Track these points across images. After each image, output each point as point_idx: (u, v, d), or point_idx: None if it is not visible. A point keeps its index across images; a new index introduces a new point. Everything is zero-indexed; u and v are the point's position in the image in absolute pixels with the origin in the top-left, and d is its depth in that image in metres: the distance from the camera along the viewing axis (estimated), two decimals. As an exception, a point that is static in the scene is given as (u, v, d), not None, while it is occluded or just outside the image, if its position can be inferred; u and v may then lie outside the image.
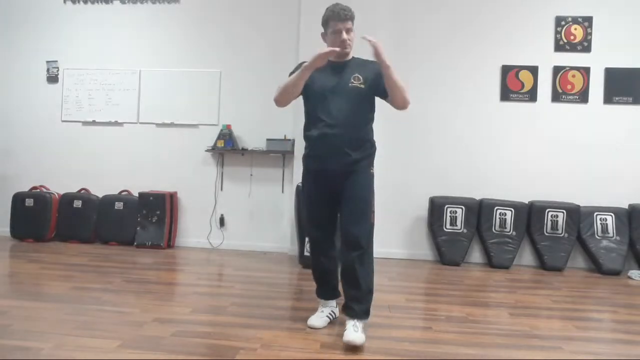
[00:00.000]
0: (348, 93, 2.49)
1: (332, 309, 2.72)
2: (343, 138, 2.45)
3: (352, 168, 2.49)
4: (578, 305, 3.37)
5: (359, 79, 2.51)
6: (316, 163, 2.55)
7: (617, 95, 4.71)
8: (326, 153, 2.49)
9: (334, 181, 2.50)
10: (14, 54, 5.43)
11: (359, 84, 2.50)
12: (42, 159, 5.37)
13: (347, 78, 2.51)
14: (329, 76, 2.53)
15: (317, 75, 2.51)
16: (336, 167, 2.48)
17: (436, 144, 4.86)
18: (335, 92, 2.49)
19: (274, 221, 5.04)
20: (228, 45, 5.13)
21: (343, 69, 2.55)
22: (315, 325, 2.59)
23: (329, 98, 2.49)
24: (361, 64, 2.58)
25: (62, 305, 2.88)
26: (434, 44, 4.86)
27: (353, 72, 2.53)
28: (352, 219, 2.46)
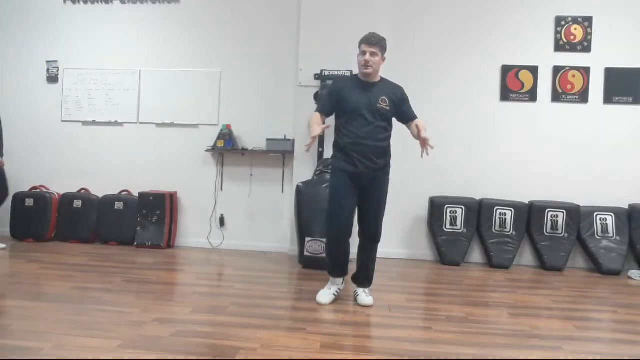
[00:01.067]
0: (376, 112, 2.98)
1: (338, 287, 3.17)
2: (370, 148, 2.97)
3: (377, 173, 3.03)
4: (578, 305, 3.37)
5: (385, 102, 3.00)
6: (350, 166, 3.01)
7: (617, 95, 4.71)
8: (358, 159, 2.97)
9: (362, 180, 3.01)
10: (14, 54, 5.43)
11: (385, 106, 3.00)
12: (42, 159, 5.37)
13: (376, 99, 2.99)
14: (360, 95, 3.00)
15: (350, 94, 3.00)
16: (366, 171, 2.99)
17: (436, 144, 4.79)
18: (366, 109, 2.97)
19: (274, 221, 5.04)
20: (228, 45, 5.13)
21: (372, 89, 3.02)
22: (322, 301, 3.05)
23: (360, 114, 2.97)
24: (389, 88, 3.06)
25: (62, 305, 2.88)
26: (434, 44, 4.86)
27: (381, 94, 3.01)
28: (375, 221, 3.08)
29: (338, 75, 4.43)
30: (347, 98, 3.00)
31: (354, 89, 3.02)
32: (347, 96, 3.00)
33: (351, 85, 3.06)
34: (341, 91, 3.04)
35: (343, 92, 3.03)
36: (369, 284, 3.20)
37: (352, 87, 3.04)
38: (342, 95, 3.02)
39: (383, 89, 3.03)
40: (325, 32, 4.71)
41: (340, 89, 3.06)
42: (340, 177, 3.04)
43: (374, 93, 3.00)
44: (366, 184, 3.03)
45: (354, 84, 3.06)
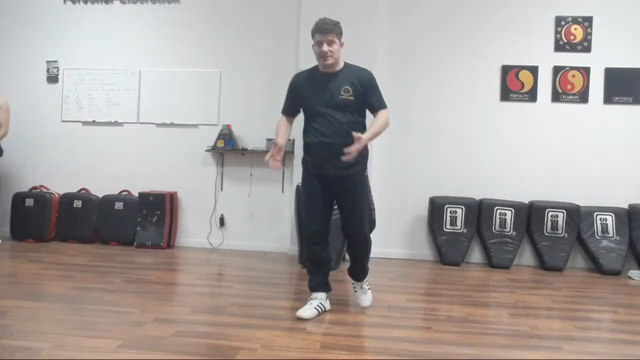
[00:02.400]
0: (338, 105, 2.69)
1: (321, 302, 2.86)
2: (336, 146, 2.62)
3: (347, 172, 2.73)
4: (578, 305, 3.37)
5: (348, 91, 2.69)
6: (315, 167, 2.79)
7: (617, 95, 4.71)
8: (323, 159, 2.73)
9: (331, 183, 2.77)
10: (14, 54, 5.43)
11: (348, 96, 2.69)
12: (42, 159, 5.36)
13: (337, 90, 2.69)
14: (319, 89, 2.72)
15: (309, 90, 2.75)
16: (333, 172, 2.72)
17: (436, 144, 4.86)
18: (326, 104, 2.70)
19: (274, 221, 5.03)
20: (228, 45, 5.12)
21: (333, 80, 2.72)
22: (303, 316, 2.73)
23: (321, 110, 2.70)
24: (353, 74, 2.74)
25: (62, 305, 2.88)
26: (433, 44, 4.85)
27: (343, 84, 2.70)
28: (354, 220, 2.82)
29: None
30: (305, 95, 2.77)
31: (312, 84, 2.75)
32: (305, 93, 2.76)
33: (309, 80, 2.78)
34: (299, 89, 2.81)
35: (301, 89, 2.79)
36: (362, 276, 3.01)
37: (310, 83, 2.76)
38: (301, 93, 2.79)
39: (345, 77, 2.71)
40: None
41: (298, 87, 2.82)
42: (309, 183, 2.84)
43: (335, 84, 2.70)
44: (338, 185, 2.78)
45: (312, 78, 2.77)
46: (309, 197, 2.86)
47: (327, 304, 2.90)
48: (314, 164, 2.78)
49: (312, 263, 2.94)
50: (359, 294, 3.02)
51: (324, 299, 2.89)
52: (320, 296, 2.88)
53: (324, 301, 2.88)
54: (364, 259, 2.99)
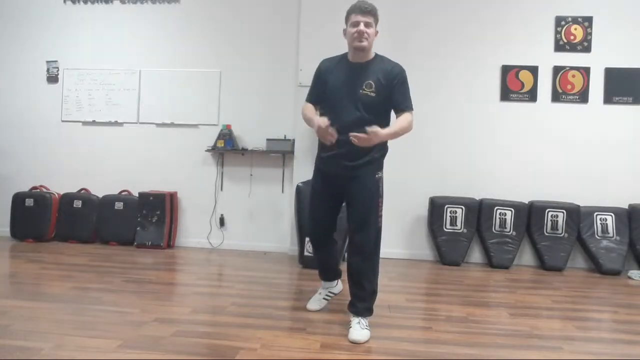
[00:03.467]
0: (358, 100, 2.47)
1: (330, 290, 2.95)
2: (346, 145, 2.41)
3: (354, 173, 2.53)
4: (578, 305, 3.37)
5: (370, 86, 2.47)
6: (324, 164, 2.64)
7: (617, 95, 4.71)
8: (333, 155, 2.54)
9: (337, 183, 2.60)
10: (14, 54, 5.43)
11: (370, 92, 2.47)
12: (42, 159, 5.36)
13: (360, 84, 2.48)
14: (343, 79, 2.52)
15: (332, 78, 2.54)
16: (337, 171, 2.56)
17: (436, 144, 4.86)
18: (346, 96, 2.49)
19: (274, 221, 5.04)
20: (228, 45, 5.12)
21: (360, 72, 2.51)
22: (311, 308, 2.85)
23: (340, 102, 2.49)
24: (382, 67, 2.52)
25: (62, 305, 2.88)
26: (433, 44, 4.85)
27: (368, 78, 2.49)
28: (356, 226, 2.56)
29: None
30: (329, 82, 2.56)
31: (338, 71, 2.56)
32: (329, 80, 2.56)
33: (336, 66, 2.58)
34: (324, 74, 2.59)
35: (326, 75, 2.58)
36: (366, 312, 2.57)
37: (337, 70, 2.56)
38: (326, 79, 2.58)
39: (374, 70, 2.51)
40: (325, 32, 4.69)
41: (324, 72, 2.60)
42: (316, 179, 2.72)
43: (361, 76, 2.49)
44: (345, 185, 2.57)
45: (340, 65, 2.57)
46: (313, 195, 2.75)
47: (338, 286, 2.99)
48: (325, 159, 2.62)
49: (317, 261, 2.97)
50: (353, 329, 2.48)
51: (333, 286, 2.98)
52: (330, 285, 2.97)
53: (333, 288, 2.97)
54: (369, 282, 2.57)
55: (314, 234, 2.79)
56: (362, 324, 2.51)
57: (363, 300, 2.58)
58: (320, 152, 2.67)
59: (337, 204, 2.69)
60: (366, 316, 2.57)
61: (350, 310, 2.61)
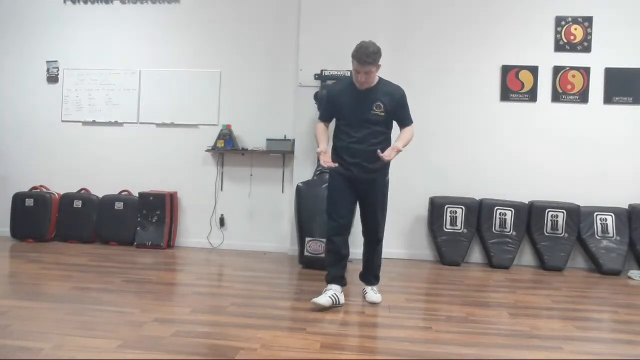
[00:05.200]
0: (369, 119, 2.98)
1: (336, 292, 3.01)
2: (363, 153, 2.97)
3: (372, 176, 3.03)
4: (578, 305, 3.37)
5: (380, 108, 2.97)
6: (344, 170, 3.03)
7: (617, 95, 4.71)
8: (352, 163, 3.01)
9: (357, 183, 3.05)
10: (14, 54, 5.43)
11: (379, 112, 2.98)
12: (42, 159, 5.36)
13: (370, 105, 2.97)
14: (354, 102, 2.99)
15: (344, 101, 3.02)
16: (358, 174, 3.02)
17: (436, 144, 4.86)
18: (359, 116, 2.98)
19: (274, 221, 5.03)
20: (228, 45, 5.12)
21: (367, 96, 2.98)
22: (319, 302, 2.89)
23: (354, 120, 3.00)
24: (386, 91, 3.01)
25: (62, 305, 2.88)
26: (433, 44, 4.86)
27: (376, 100, 2.97)
28: (375, 223, 3.13)
29: (338, 75, 4.43)
30: (341, 106, 3.04)
31: (348, 95, 3.02)
32: (341, 104, 3.03)
33: (345, 91, 3.05)
34: (336, 98, 3.07)
35: (338, 99, 3.06)
36: (375, 281, 3.25)
37: (346, 94, 3.03)
38: (337, 103, 3.06)
39: (378, 94, 2.99)
40: (325, 32, 4.71)
41: (335, 96, 3.08)
42: (336, 179, 3.08)
43: (369, 100, 2.98)
44: (363, 187, 3.06)
45: (349, 90, 3.03)
46: (334, 191, 3.09)
47: (341, 296, 3.05)
48: (345, 166, 3.02)
49: (331, 256, 3.11)
50: (369, 294, 3.19)
51: (339, 291, 3.04)
52: (335, 288, 3.04)
53: (338, 293, 3.03)
54: (376, 264, 3.23)
55: (336, 224, 3.05)
56: (375, 289, 3.21)
57: (375, 273, 3.25)
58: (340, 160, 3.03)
59: (355, 201, 3.13)
60: (376, 284, 3.25)
61: (364, 281, 3.27)
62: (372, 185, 3.06)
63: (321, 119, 3.19)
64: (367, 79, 2.91)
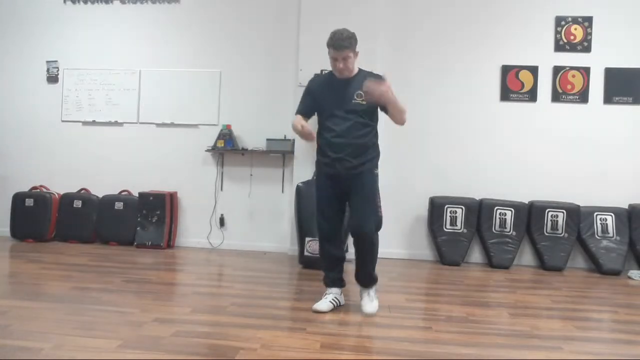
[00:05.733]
0: (351, 109, 2.81)
1: (336, 296, 2.97)
2: (346, 147, 2.79)
3: (356, 171, 2.84)
4: (578, 305, 3.37)
5: (361, 96, 2.79)
6: (326, 166, 2.89)
7: (617, 95, 4.71)
8: (335, 158, 2.83)
9: (341, 182, 2.87)
10: (14, 54, 5.43)
11: (361, 101, 2.81)
12: (42, 159, 5.36)
13: (351, 95, 2.82)
14: (334, 93, 2.86)
15: (324, 93, 2.89)
16: (342, 171, 2.83)
17: (436, 143, 4.86)
18: (340, 107, 2.83)
19: (274, 221, 5.03)
20: (228, 45, 5.13)
21: (348, 86, 2.85)
22: (319, 309, 2.84)
23: (335, 113, 2.84)
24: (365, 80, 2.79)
25: (62, 305, 2.88)
26: (433, 44, 4.85)
27: (357, 89, 2.81)
28: (359, 216, 2.85)
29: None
30: (320, 99, 2.91)
31: (328, 88, 2.91)
32: (320, 97, 2.91)
33: (325, 84, 2.95)
34: (315, 91, 2.95)
35: (316, 93, 2.94)
36: (371, 283, 2.98)
37: (326, 87, 2.92)
38: (316, 96, 2.94)
39: (358, 83, 2.82)
40: (325, 32, 4.64)
41: (314, 90, 2.97)
42: (321, 182, 2.97)
43: (349, 90, 2.84)
44: (347, 183, 2.88)
45: (328, 83, 2.93)
46: (321, 196, 2.97)
47: (341, 298, 3.01)
48: (326, 163, 2.89)
49: (325, 260, 3.04)
50: (364, 301, 2.94)
51: (338, 294, 3.00)
52: (335, 291, 2.99)
53: (338, 296, 2.99)
54: (370, 262, 2.95)
55: (325, 229, 2.94)
56: (371, 295, 2.94)
57: (369, 275, 2.96)
58: (323, 157, 2.91)
59: (343, 202, 2.95)
60: (373, 285, 2.97)
61: (359, 283, 2.99)
62: (357, 179, 2.86)
63: (299, 112, 2.99)
64: (346, 64, 2.80)
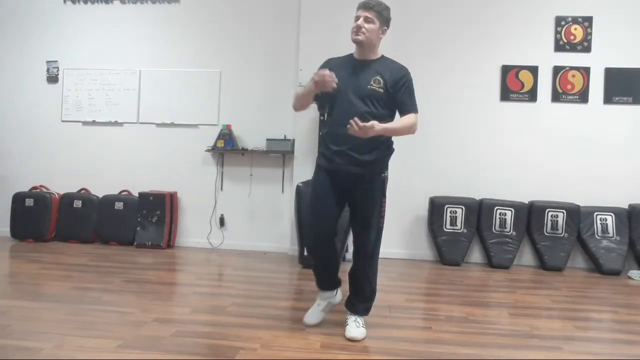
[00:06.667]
0: (366, 95, 2.45)
1: (329, 301, 2.67)
2: (353, 138, 2.35)
3: (364, 171, 2.48)
4: (578, 305, 3.37)
5: (379, 82, 2.46)
6: (329, 161, 2.52)
7: (617, 95, 4.71)
8: (334, 152, 2.47)
9: (344, 179, 2.50)
10: (14, 54, 5.43)
11: (378, 88, 2.45)
12: (42, 159, 5.36)
13: (368, 79, 2.46)
14: (350, 74, 2.49)
15: (338, 72, 2.45)
16: (346, 168, 2.47)
17: (436, 144, 4.85)
18: (355, 92, 2.45)
19: (274, 221, 5.03)
20: (228, 45, 5.12)
21: (366, 68, 2.50)
22: (310, 322, 2.60)
23: (348, 97, 2.45)
24: (388, 67, 2.52)
25: (62, 305, 2.88)
26: (434, 44, 4.85)
27: (375, 74, 2.47)
28: (362, 230, 2.54)
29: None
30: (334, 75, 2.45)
31: (344, 67, 2.51)
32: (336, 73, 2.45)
33: (341, 64, 2.55)
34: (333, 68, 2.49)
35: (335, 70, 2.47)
36: (364, 311, 2.61)
37: (342, 66, 2.52)
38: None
39: (378, 68, 2.49)
40: (325, 32, 4.70)
41: (333, 66, 2.52)
42: (318, 177, 2.58)
43: (367, 72, 2.48)
44: (349, 185, 2.51)
45: (345, 62, 2.56)
46: (316, 196, 2.57)
47: (335, 299, 2.70)
48: (329, 157, 2.52)
49: (318, 265, 2.68)
50: (349, 327, 2.52)
51: (332, 297, 2.70)
52: (329, 295, 2.69)
53: (332, 299, 2.69)
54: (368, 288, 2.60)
55: (317, 233, 2.55)
56: (359, 322, 2.54)
57: (363, 301, 2.62)
58: (324, 150, 2.57)
59: (342, 203, 2.58)
60: (363, 315, 2.60)
61: (349, 308, 2.63)
62: (363, 183, 2.50)
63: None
64: (367, 27, 2.44)
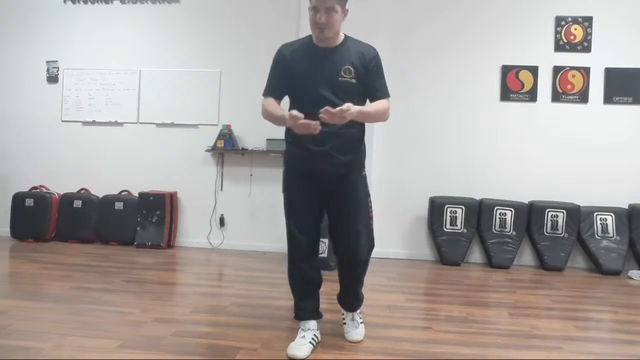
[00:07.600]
0: (337, 88, 2.18)
1: (314, 333, 2.32)
2: (331, 138, 2.16)
3: (344, 171, 2.26)
4: (578, 305, 3.37)
5: (349, 72, 2.18)
6: (303, 162, 2.28)
7: (617, 95, 4.71)
8: (316, 153, 2.21)
9: (321, 182, 2.27)
10: (14, 54, 5.43)
11: (350, 78, 2.18)
12: (42, 159, 5.36)
13: (337, 70, 2.18)
14: (316, 65, 2.20)
15: (302, 63, 2.21)
16: (326, 169, 2.24)
17: (436, 144, 4.86)
18: (323, 84, 2.18)
19: (274, 221, 5.01)
20: (228, 45, 5.12)
21: (333, 56, 2.21)
22: (297, 356, 2.15)
23: (316, 92, 2.17)
24: (355, 51, 2.23)
25: (62, 305, 2.88)
26: (434, 44, 4.85)
27: (344, 63, 2.19)
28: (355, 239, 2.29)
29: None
30: (296, 71, 2.23)
31: (307, 58, 2.22)
32: (297, 68, 2.23)
33: (302, 52, 2.24)
34: (288, 63, 2.25)
35: (292, 64, 2.23)
36: (357, 305, 2.50)
37: (304, 56, 2.23)
38: (289, 68, 2.24)
39: (347, 55, 2.21)
40: (325, 32, 4.70)
41: (289, 61, 2.25)
42: (293, 183, 2.32)
43: (335, 62, 2.19)
44: (330, 187, 2.27)
45: (307, 51, 2.24)
46: (296, 202, 2.31)
47: (319, 333, 2.35)
48: (301, 157, 2.27)
49: (299, 285, 2.41)
50: (348, 327, 2.45)
51: (316, 329, 2.34)
52: (312, 325, 2.33)
53: (316, 331, 2.33)
54: (358, 283, 2.44)
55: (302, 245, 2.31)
56: (356, 320, 2.47)
57: (357, 301, 2.51)
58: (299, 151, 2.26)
59: (322, 208, 2.35)
60: (358, 309, 2.51)
61: (343, 306, 2.51)
62: (344, 183, 2.27)
63: (269, 94, 2.34)
64: (329, 19, 2.11)
